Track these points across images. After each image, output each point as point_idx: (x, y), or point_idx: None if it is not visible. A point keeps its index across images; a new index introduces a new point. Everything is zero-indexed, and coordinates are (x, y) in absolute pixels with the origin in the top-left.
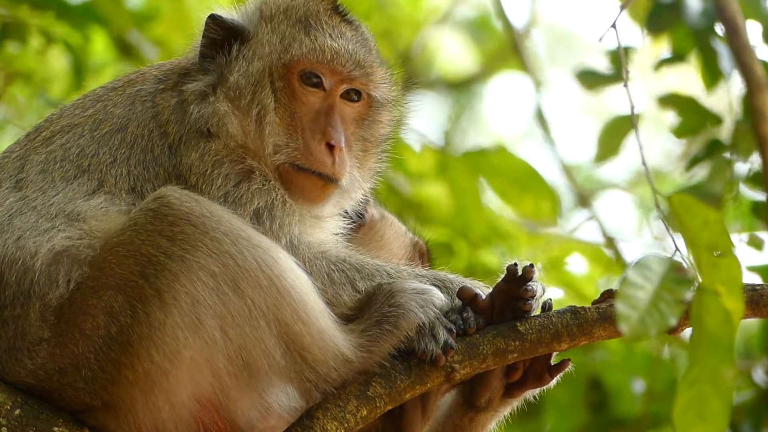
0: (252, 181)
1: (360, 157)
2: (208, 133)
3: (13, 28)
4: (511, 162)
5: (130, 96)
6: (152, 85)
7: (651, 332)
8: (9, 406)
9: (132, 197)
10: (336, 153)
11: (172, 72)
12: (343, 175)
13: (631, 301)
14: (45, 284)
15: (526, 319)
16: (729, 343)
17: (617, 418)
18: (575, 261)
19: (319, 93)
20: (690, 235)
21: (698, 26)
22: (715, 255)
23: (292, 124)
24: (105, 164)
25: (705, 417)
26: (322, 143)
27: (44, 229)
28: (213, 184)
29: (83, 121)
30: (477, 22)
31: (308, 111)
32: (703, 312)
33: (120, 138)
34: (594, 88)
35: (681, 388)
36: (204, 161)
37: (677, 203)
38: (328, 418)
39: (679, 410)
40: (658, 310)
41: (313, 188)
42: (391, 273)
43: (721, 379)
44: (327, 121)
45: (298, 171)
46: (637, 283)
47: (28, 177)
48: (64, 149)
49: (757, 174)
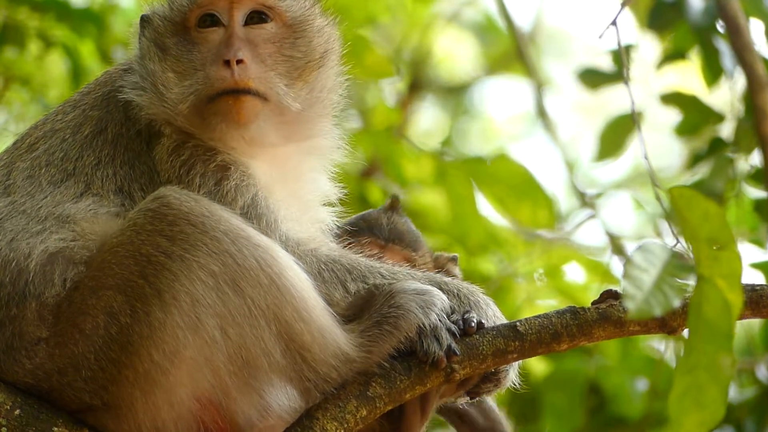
0: (231, 177)
1: (292, 74)
2: (156, 129)
3: (12, 32)
4: (509, 169)
5: (104, 97)
6: (119, 82)
7: (656, 311)
8: (9, 406)
9: (120, 198)
10: (233, 66)
11: (126, 71)
12: (249, 81)
13: (636, 282)
14: (40, 283)
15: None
16: (727, 332)
17: (616, 419)
18: (573, 269)
19: (218, 30)
20: (690, 228)
21: (700, 24)
22: (715, 248)
23: (192, 68)
24: (90, 166)
25: (701, 404)
26: (218, 64)
27: (36, 231)
28: (193, 184)
29: (64, 126)
30: (483, 25)
31: (209, 49)
32: (702, 300)
33: (102, 139)
34: (595, 88)
35: (678, 376)
36: (171, 162)
37: (677, 196)
38: (328, 419)
39: (675, 397)
40: (662, 292)
41: (227, 107)
42: (384, 274)
43: (719, 366)
44: (224, 46)
45: (207, 102)
46: (642, 265)
47: (15, 183)
48: (48, 154)
49: (759, 172)
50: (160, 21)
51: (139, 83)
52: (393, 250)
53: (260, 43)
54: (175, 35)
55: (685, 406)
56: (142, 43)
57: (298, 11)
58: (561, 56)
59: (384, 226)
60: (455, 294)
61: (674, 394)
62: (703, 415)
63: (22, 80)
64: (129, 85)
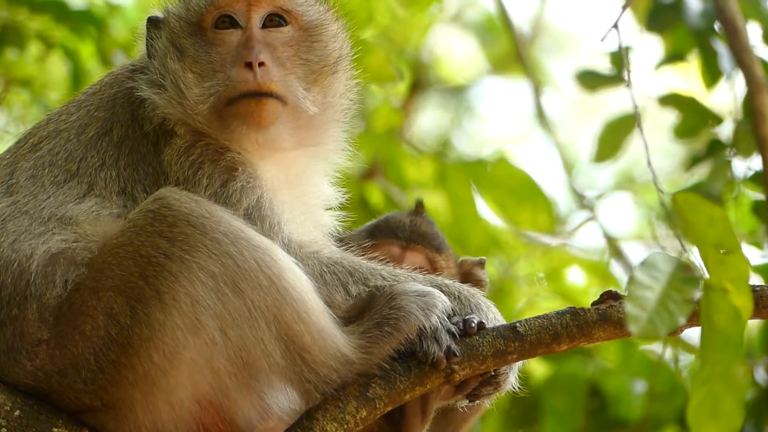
0: (237, 179)
1: (309, 78)
2: (168, 129)
3: (12, 33)
4: (509, 172)
5: (110, 98)
6: (127, 84)
7: (661, 332)
8: (9, 407)
9: (122, 199)
10: (255, 68)
11: (135, 71)
12: (270, 85)
13: (639, 302)
14: (42, 285)
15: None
16: (739, 340)
17: (617, 422)
18: (573, 272)
19: (236, 32)
20: (696, 233)
21: (698, 26)
22: (721, 252)
23: (211, 69)
24: (93, 167)
25: (718, 415)
26: (239, 66)
27: (38, 232)
28: (199, 185)
29: (68, 126)
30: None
31: (228, 51)
32: (712, 310)
33: (107, 141)
34: (593, 90)
35: (693, 388)
36: (181, 163)
37: (682, 201)
38: (328, 419)
39: (692, 409)
40: (667, 310)
41: (249, 110)
42: (386, 276)
43: (733, 376)
44: (243, 48)
45: (228, 104)
46: (645, 282)
47: (18, 183)
48: (51, 154)
49: (758, 174)
50: (176, 21)
51: (156, 81)
52: (415, 250)
53: (278, 46)
54: (192, 36)
55: (703, 417)
56: (157, 43)
57: (315, 15)
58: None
59: (406, 227)
60: (456, 297)
61: (691, 406)
62: (720, 425)
63: (22, 82)
64: (144, 84)
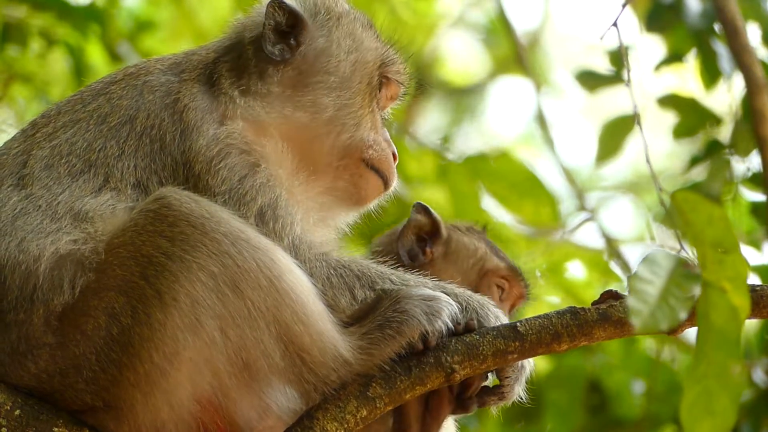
0: (257, 176)
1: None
2: (225, 119)
3: (14, 29)
4: (512, 167)
5: (137, 87)
6: (163, 76)
7: (662, 326)
8: (9, 406)
9: (136, 193)
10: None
11: (193, 63)
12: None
13: (641, 296)
14: (49, 290)
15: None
16: (736, 339)
17: (617, 420)
18: (575, 267)
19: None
20: (694, 232)
21: (698, 27)
22: (720, 251)
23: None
24: (112, 157)
25: (712, 412)
26: (389, 150)
27: (49, 231)
28: (218, 176)
29: (87, 115)
30: (488, 27)
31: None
32: (710, 308)
33: (128, 129)
34: (594, 89)
35: (688, 384)
36: (210, 148)
37: (681, 200)
38: (328, 419)
39: (686, 406)
40: (668, 305)
41: (375, 190)
42: (394, 280)
43: (729, 374)
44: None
45: (370, 170)
46: (647, 278)
47: (32, 173)
48: (69, 144)
49: (756, 175)
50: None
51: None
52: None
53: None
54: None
55: (697, 414)
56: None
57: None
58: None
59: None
60: (464, 305)
61: (685, 403)
62: (714, 423)
63: (24, 78)
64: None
